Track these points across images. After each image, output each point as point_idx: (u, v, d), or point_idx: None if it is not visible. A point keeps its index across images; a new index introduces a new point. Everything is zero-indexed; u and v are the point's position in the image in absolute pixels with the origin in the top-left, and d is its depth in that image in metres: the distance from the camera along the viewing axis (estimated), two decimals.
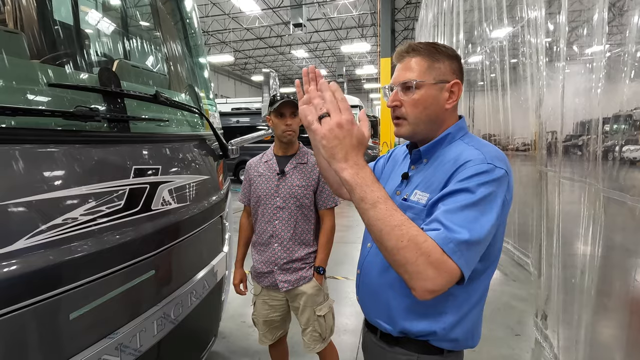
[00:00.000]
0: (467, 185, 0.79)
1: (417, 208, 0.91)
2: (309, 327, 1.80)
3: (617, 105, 1.72)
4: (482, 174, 0.81)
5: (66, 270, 1.01)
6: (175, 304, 1.51)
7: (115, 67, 1.64)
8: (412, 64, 0.93)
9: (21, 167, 0.96)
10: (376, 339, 1.03)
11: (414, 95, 0.92)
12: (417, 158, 1.00)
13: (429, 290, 0.73)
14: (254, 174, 1.82)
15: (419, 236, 0.72)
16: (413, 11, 17.20)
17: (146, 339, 1.32)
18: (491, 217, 0.78)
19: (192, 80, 2.15)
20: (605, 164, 1.76)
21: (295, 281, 1.75)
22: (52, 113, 1.06)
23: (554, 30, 2.44)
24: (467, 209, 0.77)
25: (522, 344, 2.67)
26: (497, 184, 0.81)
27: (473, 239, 0.75)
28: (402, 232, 0.72)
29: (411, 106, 0.93)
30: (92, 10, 2.07)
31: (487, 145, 0.92)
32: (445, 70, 0.93)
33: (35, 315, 0.94)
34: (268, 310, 1.84)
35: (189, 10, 2.22)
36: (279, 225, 1.73)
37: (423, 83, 0.91)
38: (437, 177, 0.90)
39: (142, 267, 1.31)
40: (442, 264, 0.72)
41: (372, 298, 1.02)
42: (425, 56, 0.93)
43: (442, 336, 0.92)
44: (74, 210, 1.06)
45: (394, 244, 0.72)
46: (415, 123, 0.94)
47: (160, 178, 1.45)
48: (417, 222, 0.88)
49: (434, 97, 0.93)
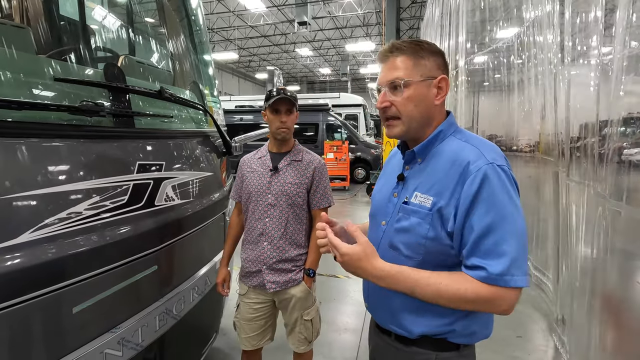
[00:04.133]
0: (482, 211, 0.83)
1: (421, 212, 0.91)
2: (296, 328, 1.76)
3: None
4: (489, 181, 0.83)
5: (70, 264, 1.01)
6: (178, 300, 1.52)
7: (120, 63, 1.65)
8: (398, 62, 0.93)
9: (26, 161, 0.96)
10: (390, 340, 1.02)
11: (404, 94, 0.92)
12: (411, 158, 0.99)
13: (504, 311, 0.84)
14: (246, 170, 1.76)
15: (461, 288, 0.83)
16: (418, 10, 17.13)
17: (148, 334, 1.33)
18: (516, 216, 0.83)
19: (197, 77, 2.15)
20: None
21: (284, 283, 1.68)
22: (58, 107, 1.07)
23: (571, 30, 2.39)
24: (493, 233, 0.82)
25: (526, 345, 2.67)
26: (506, 182, 0.84)
27: (513, 255, 0.81)
28: (449, 295, 0.83)
29: (402, 105, 0.93)
30: (98, 6, 2.08)
31: (481, 142, 0.92)
32: (431, 67, 0.93)
33: (38, 308, 0.95)
34: (252, 315, 1.75)
35: (195, 7, 2.23)
36: (270, 223, 1.67)
37: (411, 81, 0.91)
38: (439, 179, 0.90)
39: (145, 263, 1.32)
40: (497, 296, 0.81)
41: (384, 304, 1.01)
42: (410, 54, 0.92)
43: (461, 332, 0.93)
44: (78, 204, 1.06)
45: (453, 304, 0.85)
46: (408, 122, 0.94)
47: (164, 174, 1.45)
48: (424, 225, 0.89)
49: (423, 94, 0.92)
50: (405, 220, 0.93)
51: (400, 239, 0.95)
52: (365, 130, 13.60)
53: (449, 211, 0.87)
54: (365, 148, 10.71)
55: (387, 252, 0.97)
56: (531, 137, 3.99)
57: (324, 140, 10.25)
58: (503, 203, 0.82)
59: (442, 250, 0.89)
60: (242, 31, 20.11)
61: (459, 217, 0.85)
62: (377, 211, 1.05)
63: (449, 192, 0.87)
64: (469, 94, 5.83)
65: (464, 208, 0.85)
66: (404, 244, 0.94)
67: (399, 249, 0.95)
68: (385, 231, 1.00)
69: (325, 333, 2.76)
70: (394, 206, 0.99)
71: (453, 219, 0.86)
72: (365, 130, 13.63)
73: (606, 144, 1.81)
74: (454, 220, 0.86)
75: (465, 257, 0.85)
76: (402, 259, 0.93)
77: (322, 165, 1.77)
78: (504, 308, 0.83)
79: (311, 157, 1.76)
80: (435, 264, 0.90)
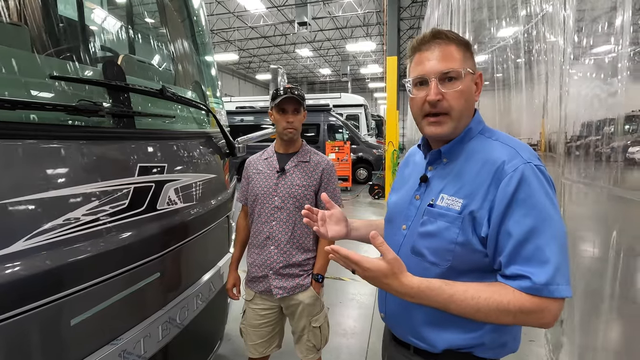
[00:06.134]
0: (520, 214, 0.76)
1: (450, 215, 0.84)
2: (304, 336, 1.69)
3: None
4: (528, 182, 0.77)
5: (67, 274, 0.95)
6: (181, 308, 1.46)
7: (120, 62, 1.59)
8: (452, 52, 0.84)
9: (21, 164, 0.90)
10: (409, 353, 0.95)
11: (458, 87, 0.84)
12: (436, 158, 0.92)
13: (546, 324, 0.76)
14: (252, 172, 1.70)
15: (502, 301, 0.75)
16: (419, 10, 17.07)
17: (151, 345, 1.27)
18: (557, 219, 0.76)
19: (199, 77, 2.10)
20: None
21: (292, 288, 1.62)
22: (54, 107, 1.01)
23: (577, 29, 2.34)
24: (534, 237, 0.75)
25: (536, 350, 2.60)
26: (545, 183, 0.78)
27: (557, 262, 0.74)
28: (489, 309, 0.75)
29: (456, 99, 0.84)
30: (97, 6, 2.02)
31: (514, 140, 0.86)
32: (472, 61, 0.88)
33: (34, 321, 0.88)
34: (259, 321, 1.70)
35: (197, 7, 2.17)
36: (276, 227, 1.61)
37: (466, 72, 0.84)
38: (469, 180, 0.83)
39: (146, 270, 1.26)
40: (541, 307, 0.74)
41: (404, 317, 0.94)
42: (458, 44, 0.85)
43: (490, 345, 0.86)
44: (75, 209, 1.00)
45: (492, 319, 0.77)
46: (458, 118, 0.86)
47: (166, 176, 1.39)
48: (452, 229, 0.82)
49: (471, 89, 0.87)
50: (431, 224, 0.87)
51: (425, 244, 0.88)
52: (366, 131, 13.54)
53: (481, 215, 0.80)
54: (366, 148, 10.65)
55: (409, 258, 0.90)
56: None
57: (326, 140, 10.20)
58: (543, 205, 0.76)
59: (472, 256, 0.82)
60: (242, 32, 20.07)
61: (494, 221, 0.78)
62: (396, 215, 0.98)
63: (481, 194, 0.80)
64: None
65: (499, 211, 0.78)
66: (429, 249, 0.87)
67: (424, 255, 0.88)
68: (406, 236, 0.93)
69: (332, 337, 2.68)
70: (416, 209, 0.92)
71: (487, 223, 0.79)
72: (367, 131, 13.57)
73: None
74: (488, 225, 0.79)
75: (504, 266, 0.78)
76: (427, 266, 0.87)
77: (331, 167, 1.71)
78: (547, 320, 0.75)
79: (319, 158, 1.70)
80: (464, 271, 0.83)
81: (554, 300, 0.74)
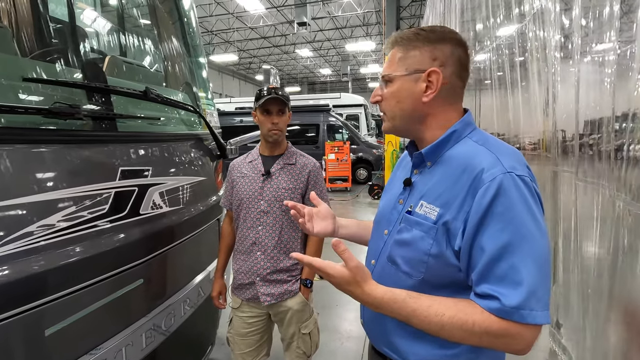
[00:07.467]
0: (496, 228, 0.70)
1: (425, 225, 0.79)
2: (294, 343, 1.65)
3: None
4: (506, 193, 0.70)
5: (37, 284, 0.92)
6: (167, 314, 1.43)
7: (106, 63, 1.56)
8: (390, 55, 0.87)
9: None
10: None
11: (388, 90, 0.85)
12: (420, 161, 0.87)
13: (519, 351, 0.70)
14: (237, 175, 1.64)
15: (467, 321, 0.70)
16: (418, 9, 17.01)
17: (134, 354, 1.23)
18: (538, 237, 0.69)
19: (189, 78, 2.06)
20: None
21: (280, 295, 1.57)
22: (26, 110, 0.97)
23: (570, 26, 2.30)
24: (509, 255, 0.69)
25: (536, 354, 2.56)
26: (527, 196, 0.71)
27: (532, 284, 0.67)
28: (452, 327, 0.70)
29: (386, 100, 0.87)
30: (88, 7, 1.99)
31: (501, 146, 0.79)
32: (422, 59, 0.80)
33: (3, 333, 0.85)
34: (247, 329, 1.65)
35: (187, 9, 2.14)
36: (263, 232, 1.56)
37: (393, 76, 0.84)
38: (447, 188, 0.78)
39: (128, 276, 1.22)
40: (511, 333, 0.68)
41: (378, 324, 0.90)
42: (402, 45, 0.83)
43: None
44: (50, 216, 0.97)
45: (456, 338, 0.72)
46: (391, 118, 0.87)
47: (150, 180, 1.36)
48: (427, 240, 0.78)
49: (407, 89, 0.82)
50: (407, 232, 0.82)
51: (399, 252, 0.84)
52: (366, 131, 13.49)
53: (456, 226, 0.74)
54: (366, 148, 10.60)
55: (386, 266, 0.86)
56: None
57: (325, 141, 10.15)
58: (522, 220, 0.69)
59: (446, 270, 0.77)
60: (242, 33, 20.05)
61: (468, 234, 0.72)
62: (381, 218, 0.94)
63: (457, 203, 0.74)
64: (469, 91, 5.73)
65: (473, 224, 0.71)
66: (403, 258, 0.82)
67: (398, 264, 0.84)
68: (386, 242, 0.89)
69: (328, 342, 2.66)
70: (398, 214, 0.87)
71: (461, 235, 0.73)
72: (367, 131, 13.52)
73: None
74: (462, 238, 0.73)
75: (475, 283, 0.72)
76: (401, 276, 0.82)
77: (317, 169, 1.67)
78: (519, 347, 0.69)
79: (305, 160, 1.66)
80: (438, 285, 0.78)
81: (526, 327, 0.67)
